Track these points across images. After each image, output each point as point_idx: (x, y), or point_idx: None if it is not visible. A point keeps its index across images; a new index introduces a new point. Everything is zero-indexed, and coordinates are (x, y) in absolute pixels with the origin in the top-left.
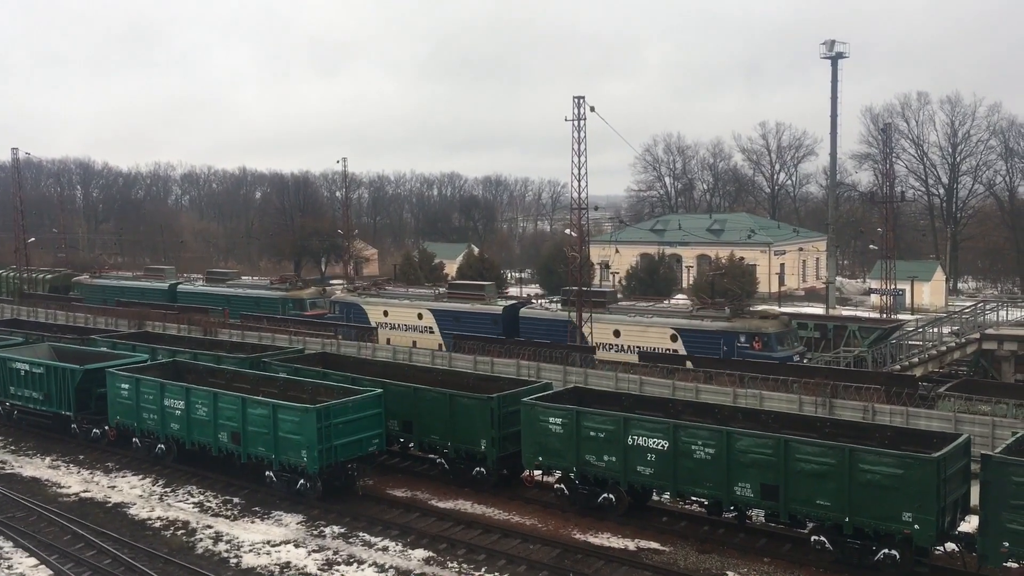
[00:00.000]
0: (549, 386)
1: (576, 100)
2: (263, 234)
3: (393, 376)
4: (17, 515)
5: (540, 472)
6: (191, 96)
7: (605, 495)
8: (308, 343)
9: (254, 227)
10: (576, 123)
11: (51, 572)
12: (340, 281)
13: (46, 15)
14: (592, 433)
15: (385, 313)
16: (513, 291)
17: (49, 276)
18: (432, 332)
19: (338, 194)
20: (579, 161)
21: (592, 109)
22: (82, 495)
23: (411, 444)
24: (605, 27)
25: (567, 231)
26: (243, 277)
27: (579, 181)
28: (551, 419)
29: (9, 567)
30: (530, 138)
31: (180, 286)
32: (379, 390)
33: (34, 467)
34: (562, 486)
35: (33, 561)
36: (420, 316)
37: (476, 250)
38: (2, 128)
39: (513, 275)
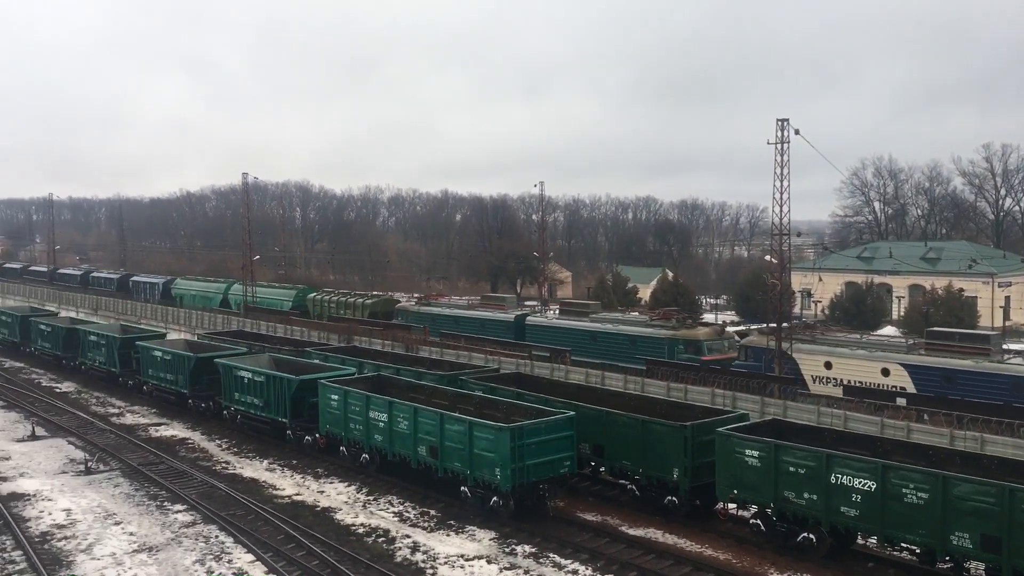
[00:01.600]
0: (745, 417)
1: (779, 123)
2: (462, 255)
3: (586, 399)
4: (238, 512)
5: (735, 505)
6: (401, 122)
7: (805, 535)
8: (503, 363)
9: (454, 248)
10: (779, 146)
11: (266, 569)
12: (533, 302)
13: (278, 49)
14: (791, 468)
15: (828, 365)
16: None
17: (368, 301)
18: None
19: (534, 217)
20: (781, 185)
21: (796, 132)
22: (294, 498)
23: (602, 468)
24: (819, 44)
25: (767, 257)
26: (612, 312)
27: (781, 206)
28: (748, 451)
29: (229, 561)
30: (729, 161)
31: (529, 318)
32: (571, 412)
33: (253, 469)
34: (758, 522)
35: (250, 557)
36: (886, 372)
37: (670, 275)
38: (237, 154)
39: (708, 301)
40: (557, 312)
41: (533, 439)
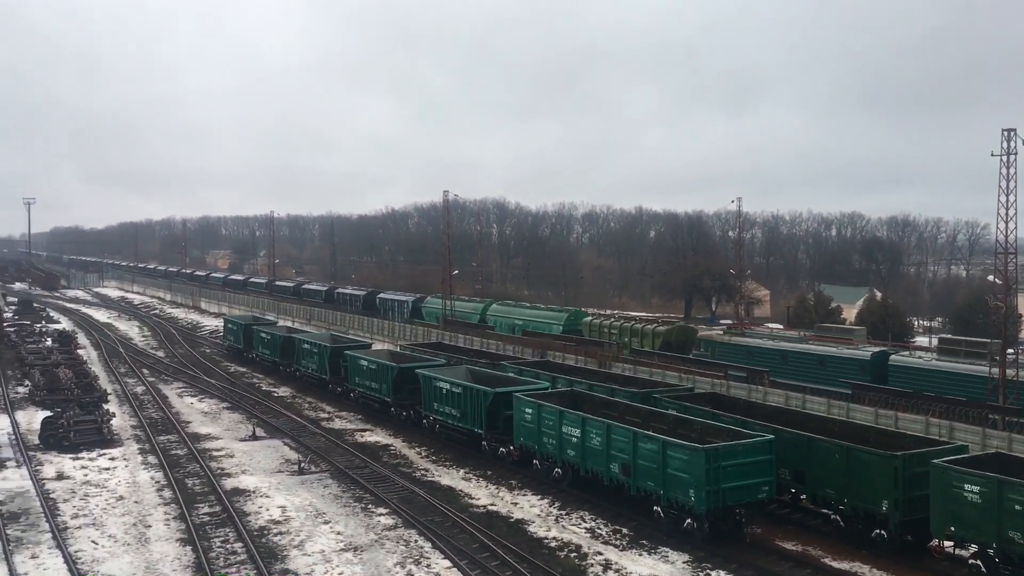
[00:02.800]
0: (964, 449)
1: (1005, 132)
2: (655, 272)
3: (785, 423)
4: (436, 519)
5: (952, 543)
6: (599, 136)
7: None
8: (698, 382)
9: (647, 265)
10: (1004, 158)
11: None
12: (728, 321)
13: (482, 65)
14: (1018, 507)
15: None
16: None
17: (661, 328)
18: None
19: (731, 234)
20: (1007, 200)
21: None
22: (489, 508)
23: (803, 496)
24: None
25: (989, 277)
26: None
27: (1007, 222)
28: (967, 486)
29: (428, 566)
30: (945, 174)
31: (893, 357)
32: (770, 436)
33: (450, 477)
34: (979, 563)
35: (447, 563)
36: None
37: (878, 294)
38: (438, 172)
39: (921, 323)
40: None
41: (729, 461)
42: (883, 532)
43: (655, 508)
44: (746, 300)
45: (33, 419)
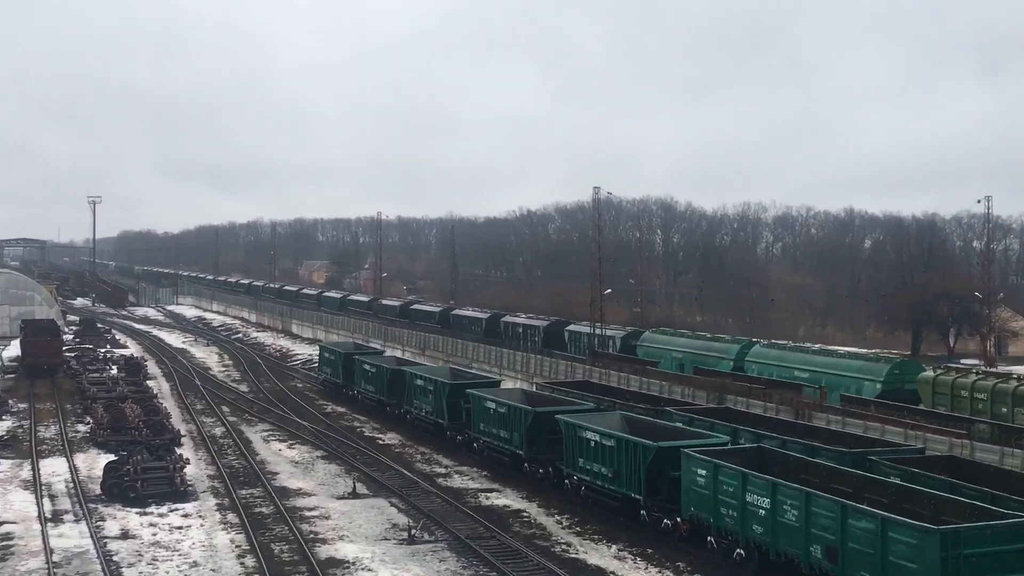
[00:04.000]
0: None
1: None
2: (872, 293)
3: None
4: None
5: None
6: (797, 117)
7: None
8: (929, 441)
9: (860, 284)
10: None
11: None
12: (974, 361)
13: (645, 25)
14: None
15: None
16: None
17: None
18: None
19: (976, 244)
20: None
21: None
22: None
23: None
24: None
25: None
26: None
27: None
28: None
29: None
30: None
31: None
32: None
33: (599, 554)
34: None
35: None
36: None
37: None
38: (587, 163)
39: None
40: None
41: (976, 549)
42: None
43: None
44: (997, 332)
45: (95, 464)
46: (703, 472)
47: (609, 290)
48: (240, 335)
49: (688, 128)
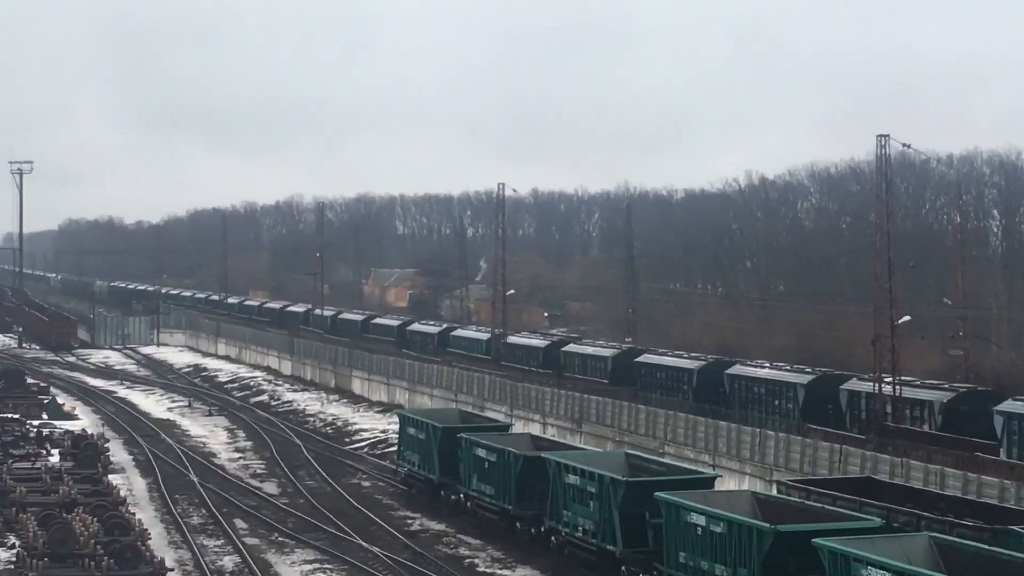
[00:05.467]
0: None
1: None
2: None
3: None
4: None
5: None
6: None
7: None
8: None
9: None
10: None
11: None
12: None
13: None
14: None
15: None
16: None
17: None
18: None
19: None
20: None
21: None
22: None
23: None
24: None
25: None
26: None
27: None
28: None
29: None
30: None
31: None
32: None
33: None
34: None
35: None
36: None
37: None
38: (860, 96)
39: None
40: None
41: None
42: None
43: None
44: None
45: None
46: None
47: (906, 317)
48: (265, 396)
49: None
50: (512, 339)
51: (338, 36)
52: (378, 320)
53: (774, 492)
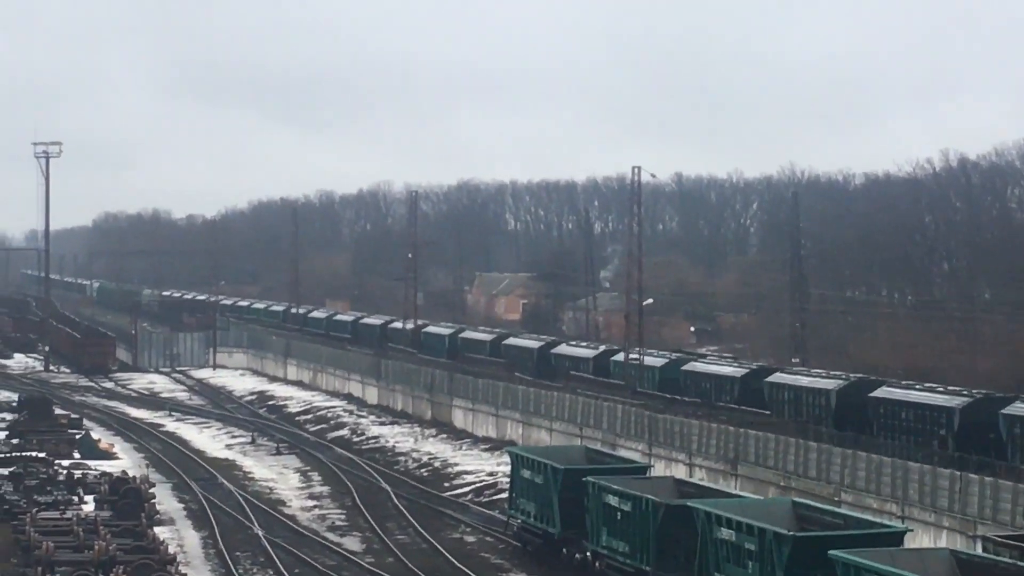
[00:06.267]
0: None
1: None
2: None
3: None
4: None
5: None
6: None
7: None
8: None
9: None
10: None
11: None
12: None
13: None
14: None
15: None
16: None
17: None
18: None
19: None
20: None
21: None
22: None
23: None
24: None
25: None
26: None
27: None
28: None
29: None
30: None
31: None
32: None
33: None
34: None
35: None
36: None
37: None
38: None
39: None
40: None
41: None
42: None
43: None
44: None
45: None
46: None
47: None
48: (345, 431)
49: None
50: (695, 366)
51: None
52: (469, 334)
53: (978, 550)
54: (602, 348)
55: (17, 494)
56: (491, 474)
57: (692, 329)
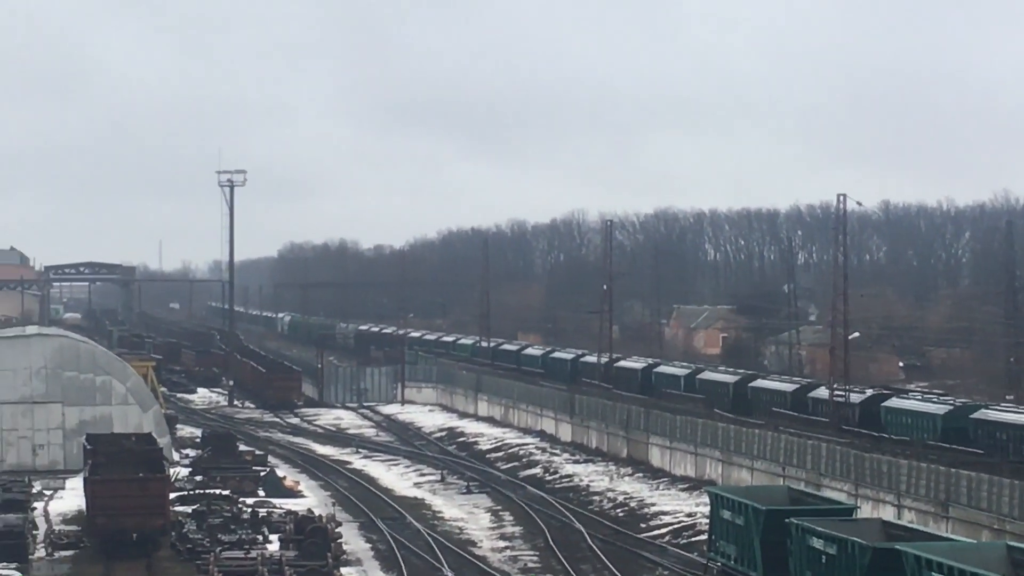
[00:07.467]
0: None
1: None
2: None
3: None
4: None
5: None
6: None
7: None
8: None
9: None
10: None
11: None
12: None
13: None
14: None
15: None
16: None
17: None
18: None
19: None
20: None
21: None
22: None
23: None
24: None
25: None
26: None
27: None
28: None
29: None
30: None
31: None
32: None
33: None
34: None
35: None
36: None
37: None
38: None
39: None
40: None
41: None
42: None
43: None
44: None
45: None
46: None
47: None
48: (538, 469)
49: None
50: (897, 402)
51: (629, 6)
52: (663, 368)
53: None
54: (802, 382)
55: (200, 532)
56: (690, 515)
57: (901, 364)
